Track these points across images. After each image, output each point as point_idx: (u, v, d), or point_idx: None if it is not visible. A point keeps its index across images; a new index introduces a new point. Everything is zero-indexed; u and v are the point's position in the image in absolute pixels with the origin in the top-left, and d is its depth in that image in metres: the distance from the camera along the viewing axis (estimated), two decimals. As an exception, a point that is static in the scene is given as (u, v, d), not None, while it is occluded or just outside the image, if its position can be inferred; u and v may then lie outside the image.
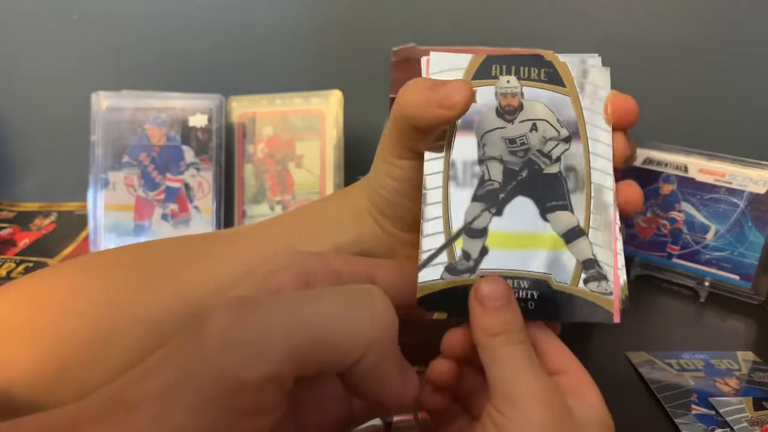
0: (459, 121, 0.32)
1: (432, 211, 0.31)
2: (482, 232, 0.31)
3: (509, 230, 0.31)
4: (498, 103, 0.33)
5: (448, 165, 0.32)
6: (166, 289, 0.36)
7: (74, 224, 0.81)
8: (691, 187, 0.71)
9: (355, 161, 0.78)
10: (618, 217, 0.33)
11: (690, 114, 0.88)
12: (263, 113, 0.76)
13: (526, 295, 0.31)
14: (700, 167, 0.71)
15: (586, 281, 0.31)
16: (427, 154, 0.32)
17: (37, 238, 0.78)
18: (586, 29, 0.85)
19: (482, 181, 0.32)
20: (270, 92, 0.77)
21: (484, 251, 0.31)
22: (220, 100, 0.74)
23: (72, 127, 0.82)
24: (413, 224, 0.35)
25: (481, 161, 0.32)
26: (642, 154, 0.75)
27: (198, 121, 0.73)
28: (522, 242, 0.31)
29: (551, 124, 0.33)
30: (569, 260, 0.31)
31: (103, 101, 0.72)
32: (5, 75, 0.86)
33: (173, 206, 0.73)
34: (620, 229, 0.33)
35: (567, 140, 0.33)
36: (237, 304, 0.25)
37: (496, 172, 0.32)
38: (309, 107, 0.76)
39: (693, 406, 0.51)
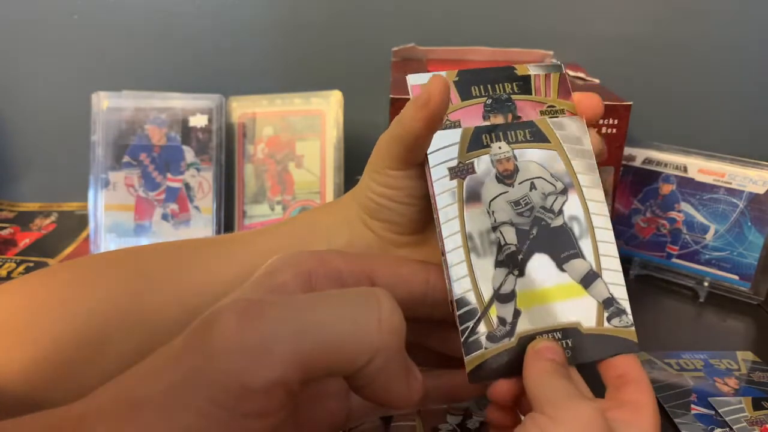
0: (467, 193, 0.34)
1: (461, 285, 0.33)
2: (511, 296, 0.33)
3: (534, 288, 0.34)
4: (496, 169, 0.35)
5: (466, 238, 0.34)
6: (163, 294, 0.37)
7: (74, 224, 0.81)
8: (690, 187, 0.71)
9: (355, 161, 0.78)
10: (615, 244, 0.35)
11: (690, 114, 0.88)
12: (263, 113, 0.76)
13: (562, 345, 0.33)
14: (699, 167, 0.71)
15: (609, 319, 0.34)
16: (445, 230, 0.34)
17: (37, 238, 0.78)
18: (585, 29, 0.85)
19: (500, 247, 0.34)
20: (270, 92, 0.77)
21: (517, 314, 0.33)
22: (220, 100, 0.74)
23: (72, 127, 0.82)
24: (402, 225, 0.37)
25: (495, 228, 0.34)
26: (641, 154, 0.75)
27: (198, 121, 0.74)
28: (548, 296, 0.34)
29: (547, 180, 0.35)
30: (591, 303, 0.34)
31: (103, 101, 0.73)
32: (5, 75, 0.86)
33: (173, 206, 0.73)
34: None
35: (564, 192, 0.35)
36: (244, 308, 0.25)
37: (510, 235, 0.34)
38: (309, 107, 0.76)
39: (692, 406, 0.51)
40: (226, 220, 0.74)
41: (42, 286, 0.38)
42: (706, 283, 0.70)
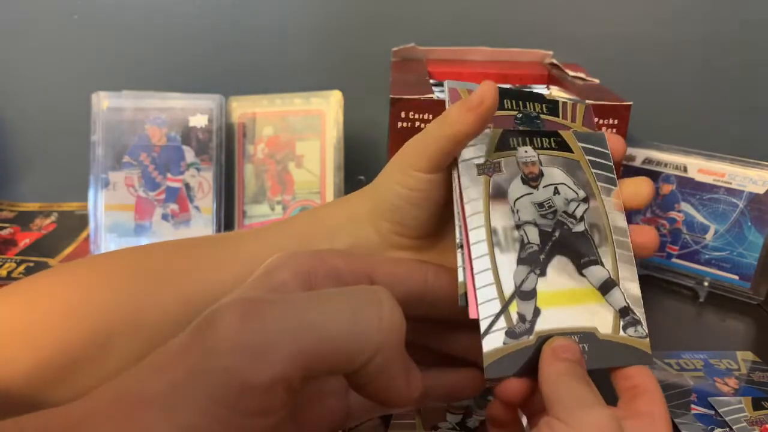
0: (493, 190, 0.35)
1: (484, 278, 0.33)
2: (532, 294, 0.33)
3: (554, 289, 0.34)
4: (521, 171, 0.36)
5: (491, 233, 0.34)
6: (166, 294, 0.37)
7: (75, 224, 0.81)
8: (690, 187, 0.71)
9: (355, 161, 0.78)
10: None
11: (690, 114, 0.88)
12: (263, 113, 0.77)
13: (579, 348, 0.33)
14: (699, 167, 0.71)
15: (624, 328, 0.34)
16: (470, 223, 0.34)
17: (37, 238, 0.78)
18: (586, 29, 0.85)
19: (523, 245, 0.34)
20: (270, 92, 0.77)
21: (537, 312, 0.33)
22: (220, 100, 0.74)
23: (72, 127, 0.82)
24: (412, 228, 0.37)
25: (519, 226, 0.34)
26: (641, 154, 0.75)
27: (198, 121, 0.74)
28: (567, 299, 0.34)
29: (570, 187, 0.36)
30: (608, 310, 0.34)
31: (103, 101, 0.73)
32: (5, 75, 0.86)
33: (173, 206, 0.73)
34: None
35: (585, 200, 0.36)
36: (245, 306, 0.25)
37: (534, 235, 0.34)
38: (309, 107, 0.76)
39: (692, 406, 0.51)
40: (226, 220, 0.75)
41: (46, 285, 0.38)
42: (706, 283, 0.70)
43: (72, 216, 0.84)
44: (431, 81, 0.67)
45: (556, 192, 0.36)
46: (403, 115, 0.59)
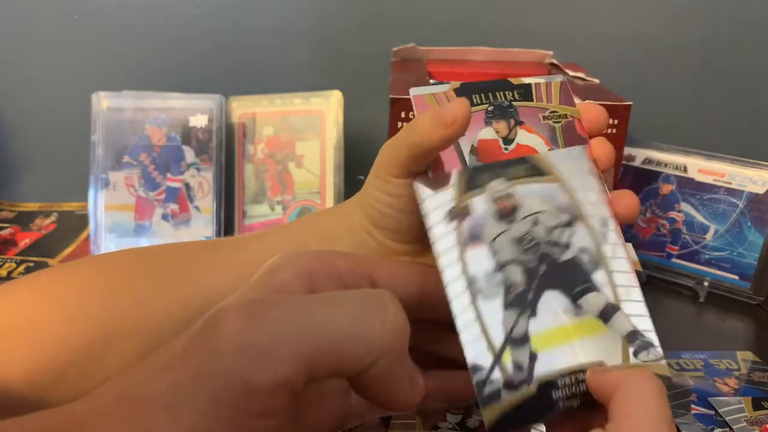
0: (467, 235, 0.33)
1: (470, 332, 0.31)
2: (524, 338, 0.31)
3: (549, 328, 0.31)
4: (495, 208, 0.33)
5: (470, 281, 0.32)
6: (167, 295, 0.37)
7: (75, 224, 0.81)
8: (690, 187, 0.72)
9: (355, 161, 0.78)
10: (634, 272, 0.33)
11: (690, 114, 0.89)
12: (263, 113, 0.77)
13: (586, 388, 0.31)
14: (699, 167, 0.71)
15: (636, 353, 0.31)
16: (447, 276, 0.32)
17: (37, 238, 0.78)
18: (586, 29, 0.86)
19: (507, 287, 0.32)
20: (270, 92, 0.77)
21: (533, 357, 0.31)
22: (221, 100, 0.74)
23: (72, 127, 0.82)
24: (402, 234, 0.37)
25: (500, 268, 0.32)
26: (641, 154, 0.75)
27: (198, 121, 0.74)
28: (565, 336, 0.31)
29: (550, 214, 0.34)
30: (614, 338, 0.32)
31: (103, 101, 0.73)
32: (5, 75, 0.86)
33: (173, 206, 0.73)
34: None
35: (569, 224, 0.33)
36: (248, 307, 0.25)
37: (517, 274, 0.32)
38: (309, 107, 0.76)
39: (692, 406, 0.51)
40: (226, 220, 0.75)
41: (47, 284, 0.38)
42: (706, 283, 0.70)
43: (72, 216, 0.84)
44: (431, 81, 0.67)
45: (536, 222, 0.33)
46: (403, 115, 0.59)
